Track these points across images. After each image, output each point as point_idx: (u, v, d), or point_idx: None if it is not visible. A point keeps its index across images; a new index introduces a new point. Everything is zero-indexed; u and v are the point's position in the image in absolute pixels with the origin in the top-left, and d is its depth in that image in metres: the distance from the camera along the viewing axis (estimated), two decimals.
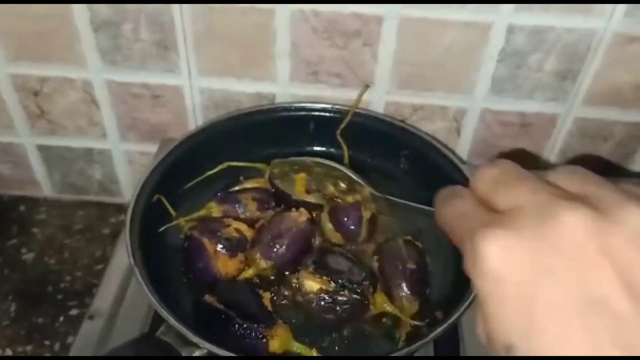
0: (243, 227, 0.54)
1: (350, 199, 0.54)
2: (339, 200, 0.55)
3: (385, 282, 0.52)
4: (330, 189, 0.55)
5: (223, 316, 0.46)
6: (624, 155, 0.69)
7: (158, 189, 0.55)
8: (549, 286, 0.21)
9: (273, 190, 0.58)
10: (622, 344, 0.19)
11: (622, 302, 0.20)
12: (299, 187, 0.57)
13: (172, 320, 0.42)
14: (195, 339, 0.42)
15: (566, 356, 0.20)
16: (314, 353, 0.47)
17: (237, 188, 0.60)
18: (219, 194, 0.59)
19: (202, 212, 0.57)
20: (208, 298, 0.48)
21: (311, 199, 0.56)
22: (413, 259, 0.53)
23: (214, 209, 0.57)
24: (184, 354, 0.42)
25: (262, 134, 0.63)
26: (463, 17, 0.57)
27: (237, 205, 0.57)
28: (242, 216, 0.57)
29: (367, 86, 0.61)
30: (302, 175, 0.57)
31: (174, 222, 0.55)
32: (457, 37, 0.59)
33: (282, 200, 0.57)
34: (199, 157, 0.60)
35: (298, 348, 0.47)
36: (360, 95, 0.63)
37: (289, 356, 0.47)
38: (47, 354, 0.62)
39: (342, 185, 0.55)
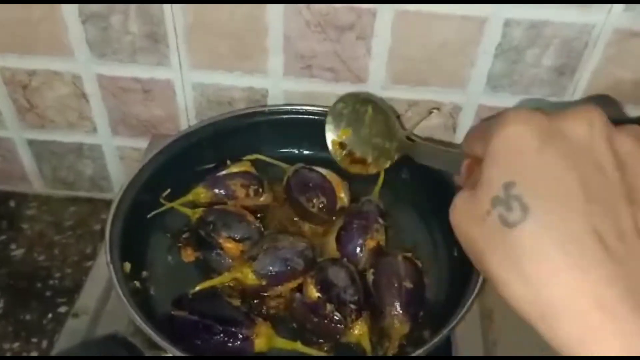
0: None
1: (372, 169, 0.56)
2: None
3: (379, 298, 0.49)
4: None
5: (201, 326, 0.45)
6: None
7: (145, 188, 0.54)
8: (554, 146, 0.26)
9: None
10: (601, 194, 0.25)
11: (614, 173, 0.25)
12: (339, 137, 0.58)
13: (138, 321, 0.41)
14: (161, 343, 0.41)
15: None
16: (299, 345, 0.46)
17: (224, 172, 0.58)
18: (206, 178, 0.58)
19: (190, 197, 0.56)
20: (177, 313, 0.47)
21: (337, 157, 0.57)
22: (410, 277, 0.50)
23: (202, 194, 0.56)
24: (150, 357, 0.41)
25: (256, 135, 0.62)
26: (459, 11, 0.56)
27: (225, 190, 0.56)
28: (229, 202, 0.56)
29: (431, 111, 0.59)
30: (348, 131, 0.58)
31: (163, 208, 0.54)
32: (452, 31, 0.58)
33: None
34: (188, 157, 0.59)
35: (283, 343, 0.46)
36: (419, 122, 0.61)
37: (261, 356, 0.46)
38: (34, 352, 0.61)
39: (370, 158, 0.57)
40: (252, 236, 0.53)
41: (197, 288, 0.48)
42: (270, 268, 0.48)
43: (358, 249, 0.52)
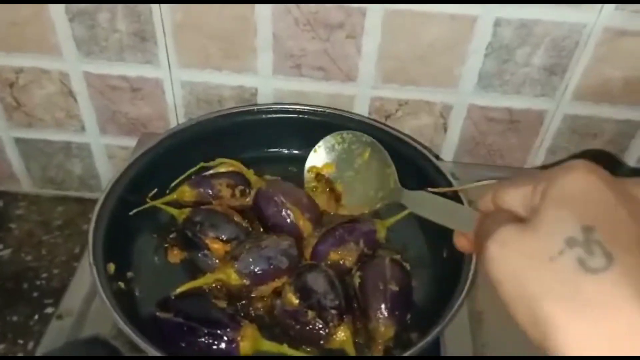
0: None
1: (342, 210, 0.54)
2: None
3: (364, 301, 0.48)
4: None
5: (185, 328, 0.45)
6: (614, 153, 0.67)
7: (130, 188, 0.53)
8: (629, 203, 0.25)
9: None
10: None
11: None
12: (319, 168, 0.56)
13: (121, 324, 0.41)
14: (143, 345, 0.40)
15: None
16: (286, 348, 0.46)
17: (210, 172, 0.58)
18: (192, 177, 0.57)
19: (175, 196, 0.55)
20: (162, 315, 0.46)
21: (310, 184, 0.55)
22: (397, 280, 0.49)
23: (187, 193, 0.55)
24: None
25: (244, 135, 0.62)
26: (449, 10, 0.56)
27: (210, 190, 0.56)
28: (214, 202, 0.55)
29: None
30: (331, 167, 0.56)
31: (147, 206, 0.53)
32: (442, 30, 0.57)
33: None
34: (175, 157, 0.58)
35: (268, 346, 0.46)
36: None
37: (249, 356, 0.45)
38: (20, 354, 0.60)
39: (345, 199, 0.54)
40: (239, 237, 0.52)
41: (179, 290, 0.47)
42: (253, 267, 0.48)
43: (321, 254, 0.51)
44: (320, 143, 0.57)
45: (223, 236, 0.51)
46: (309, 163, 0.57)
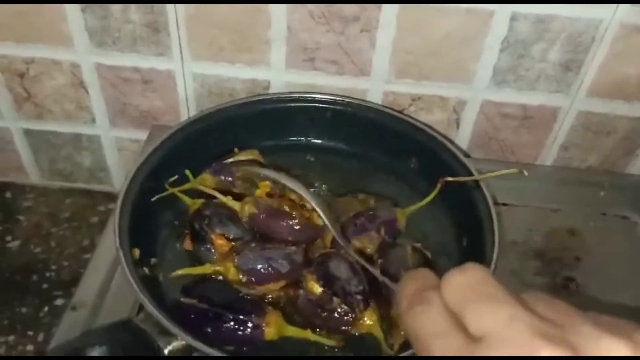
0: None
1: (317, 219, 0.50)
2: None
3: (386, 288, 0.48)
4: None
5: (211, 314, 0.45)
6: (627, 151, 0.67)
7: (155, 173, 0.52)
8: None
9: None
10: None
11: None
12: (261, 189, 0.53)
13: (149, 307, 0.40)
14: (173, 329, 0.40)
15: None
16: (309, 333, 0.46)
17: (230, 160, 0.57)
18: (212, 165, 0.56)
19: (195, 183, 0.55)
20: (187, 301, 0.46)
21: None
22: (419, 267, 0.49)
23: (208, 180, 0.55)
24: (161, 344, 0.40)
25: (259, 124, 0.61)
26: (464, 4, 0.55)
27: (230, 177, 0.55)
28: (235, 190, 0.55)
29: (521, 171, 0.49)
30: (266, 183, 0.53)
31: (166, 193, 0.52)
32: (458, 23, 0.57)
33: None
34: (197, 144, 0.57)
35: (293, 332, 0.46)
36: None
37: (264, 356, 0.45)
38: (30, 345, 0.60)
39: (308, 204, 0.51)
40: (244, 238, 0.51)
41: (174, 274, 0.48)
42: (252, 265, 0.47)
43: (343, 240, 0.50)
44: (238, 181, 0.55)
45: (229, 234, 0.50)
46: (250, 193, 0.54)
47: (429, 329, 0.23)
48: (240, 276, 0.47)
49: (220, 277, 0.49)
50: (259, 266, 0.47)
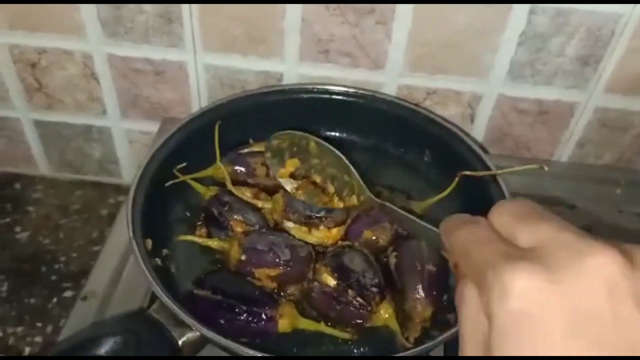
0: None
1: (338, 203, 0.50)
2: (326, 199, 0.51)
3: (401, 281, 0.48)
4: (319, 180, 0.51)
5: (225, 306, 0.44)
6: None
7: (167, 163, 0.52)
8: (581, 337, 0.19)
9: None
10: None
11: None
12: (286, 169, 0.53)
13: (164, 298, 0.40)
14: (187, 319, 0.39)
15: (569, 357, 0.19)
16: (323, 326, 0.45)
17: (245, 150, 0.56)
18: (228, 153, 0.56)
19: (209, 172, 0.54)
20: (200, 292, 0.46)
21: (290, 185, 0.51)
22: (434, 261, 0.48)
23: (222, 169, 0.54)
24: (175, 335, 0.40)
25: (272, 116, 0.60)
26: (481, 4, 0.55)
27: (245, 168, 0.55)
28: (249, 180, 0.54)
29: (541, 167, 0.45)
30: (295, 161, 0.52)
31: (178, 180, 0.52)
32: (475, 16, 0.56)
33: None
34: (209, 134, 0.56)
35: (306, 324, 0.45)
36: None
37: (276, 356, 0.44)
38: (38, 337, 0.59)
39: (331, 187, 0.51)
40: (261, 226, 0.51)
41: (178, 238, 0.49)
42: (253, 245, 0.47)
43: (356, 233, 0.51)
44: (267, 151, 0.53)
45: (249, 221, 0.50)
46: (273, 172, 0.53)
47: (476, 236, 0.23)
48: (241, 255, 0.47)
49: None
50: (260, 247, 0.47)
